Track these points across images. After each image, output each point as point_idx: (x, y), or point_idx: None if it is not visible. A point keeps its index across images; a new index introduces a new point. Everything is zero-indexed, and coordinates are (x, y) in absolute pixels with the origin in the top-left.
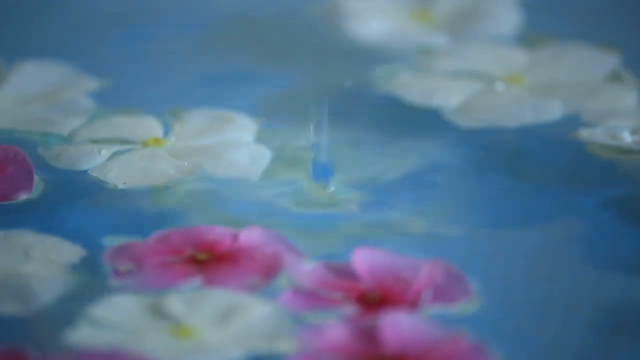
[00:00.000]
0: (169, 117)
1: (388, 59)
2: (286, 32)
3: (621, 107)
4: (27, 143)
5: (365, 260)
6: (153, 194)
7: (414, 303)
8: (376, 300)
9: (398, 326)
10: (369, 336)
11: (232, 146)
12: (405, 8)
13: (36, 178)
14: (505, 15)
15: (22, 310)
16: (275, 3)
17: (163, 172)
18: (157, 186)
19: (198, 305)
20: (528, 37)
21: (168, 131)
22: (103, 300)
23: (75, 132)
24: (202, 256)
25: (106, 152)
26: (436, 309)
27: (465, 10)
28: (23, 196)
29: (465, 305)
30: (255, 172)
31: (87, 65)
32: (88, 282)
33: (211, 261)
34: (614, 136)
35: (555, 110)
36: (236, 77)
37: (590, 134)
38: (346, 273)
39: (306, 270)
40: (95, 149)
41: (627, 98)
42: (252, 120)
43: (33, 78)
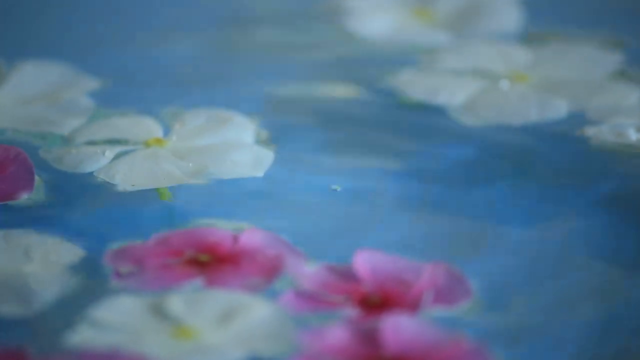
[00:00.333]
0: (168, 117)
1: (391, 57)
2: (287, 31)
3: (626, 105)
4: (27, 143)
5: (366, 262)
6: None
7: (415, 305)
8: (378, 302)
9: (399, 329)
10: (370, 339)
11: (234, 146)
12: (406, 6)
13: (37, 179)
14: (506, 13)
15: (23, 310)
16: (276, 2)
17: (169, 173)
18: (162, 188)
19: (199, 306)
20: (530, 35)
21: (168, 131)
22: (104, 301)
23: (74, 133)
24: (204, 258)
25: (110, 154)
26: (437, 311)
27: (466, 8)
28: (24, 196)
29: (466, 306)
30: (258, 173)
31: (87, 65)
32: (88, 283)
33: (212, 263)
34: (620, 134)
35: (560, 108)
36: (236, 77)
37: (596, 132)
38: (348, 275)
39: (308, 272)
40: (98, 151)
41: (632, 96)
42: (251, 119)
43: (33, 78)
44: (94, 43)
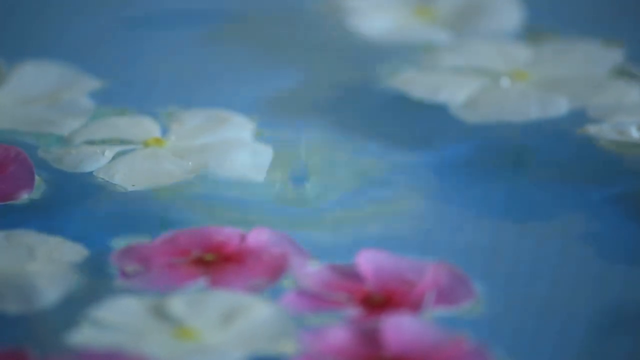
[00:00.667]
0: (166, 117)
1: (391, 56)
2: (287, 30)
3: (627, 103)
4: (27, 143)
5: (369, 262)
6: (158, 195)
7: (418, 305)
8: (380, 302)
9: (400, 329)
10: (371, 339)
11: (234, 146)
12: (407, 5)
13: (38, 179)
14: (506, 11)
15: (25, 309)
16: (276, 1)
17: (169, 173)
18: (163, 187)
19: (200, 306)
20: (531, 33)
21: (166, 131)
22: (105, 301)
23: (74, 133)
24: (209, 257)
25: (109, 153)
26: (440, 311)
27: (467, 6)
28: (24, 195)
29: (468, 306)
30: (258, 172)
31: (87, 65)
32: (91, 283)
33: (218, 262)
34: (621, 132)
35: (561, 106)
36: (236, 76)
37: (597, 130)
38: (350, 275)
39: (311, 271)
40: (98, 150)
41: (634, 93)
42: (250, 119)
43: (33, 78)
44: (94, 43)
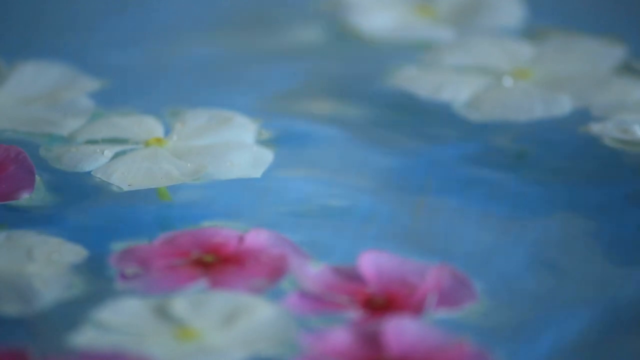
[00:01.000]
0: (169, 117)
1: (393, 54)
2: (287, 30)
3: (631, 101)
4: (28, 143)
5: (371, 264)
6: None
7: (420, 307)
8: (382, 304)
9: (401, 331)
10: (372, 341)
11: (234, 147)
12: (408, 2)
13: (37, 179)
14: (509, 8)
15: (25, 310)
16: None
17: (167, 173)
18: (162, 187)
19: (202, 307)
20: (532, 31)
21: (169, 131)
22: (106, 301)
23: (75, 133)
24: (209, 258)
25: (109, 153)
26: (441, 314)
27: (468, 4)
28: (25, 195)
29: (470, 307)
30: (257, 173)
31: (87, 65)
32: (91, 284)
33: (217, 263)
34: (625, 130)
35: (564, 104)
36: (236, 76)
37: (601, 128)
38: (352, 277)
39: (312, 273)
40: (97, 150)
41: (637, 91)
42: (252, 119)
43: (33, 78)
44: (94, 43)
